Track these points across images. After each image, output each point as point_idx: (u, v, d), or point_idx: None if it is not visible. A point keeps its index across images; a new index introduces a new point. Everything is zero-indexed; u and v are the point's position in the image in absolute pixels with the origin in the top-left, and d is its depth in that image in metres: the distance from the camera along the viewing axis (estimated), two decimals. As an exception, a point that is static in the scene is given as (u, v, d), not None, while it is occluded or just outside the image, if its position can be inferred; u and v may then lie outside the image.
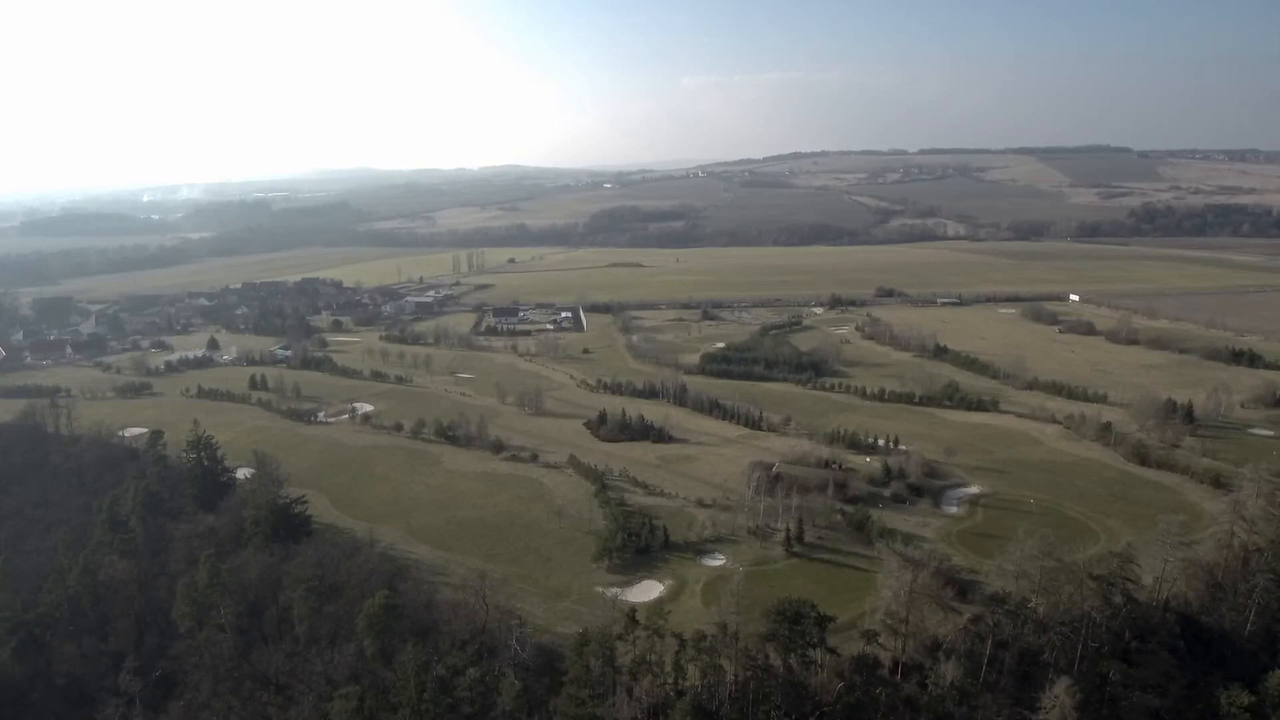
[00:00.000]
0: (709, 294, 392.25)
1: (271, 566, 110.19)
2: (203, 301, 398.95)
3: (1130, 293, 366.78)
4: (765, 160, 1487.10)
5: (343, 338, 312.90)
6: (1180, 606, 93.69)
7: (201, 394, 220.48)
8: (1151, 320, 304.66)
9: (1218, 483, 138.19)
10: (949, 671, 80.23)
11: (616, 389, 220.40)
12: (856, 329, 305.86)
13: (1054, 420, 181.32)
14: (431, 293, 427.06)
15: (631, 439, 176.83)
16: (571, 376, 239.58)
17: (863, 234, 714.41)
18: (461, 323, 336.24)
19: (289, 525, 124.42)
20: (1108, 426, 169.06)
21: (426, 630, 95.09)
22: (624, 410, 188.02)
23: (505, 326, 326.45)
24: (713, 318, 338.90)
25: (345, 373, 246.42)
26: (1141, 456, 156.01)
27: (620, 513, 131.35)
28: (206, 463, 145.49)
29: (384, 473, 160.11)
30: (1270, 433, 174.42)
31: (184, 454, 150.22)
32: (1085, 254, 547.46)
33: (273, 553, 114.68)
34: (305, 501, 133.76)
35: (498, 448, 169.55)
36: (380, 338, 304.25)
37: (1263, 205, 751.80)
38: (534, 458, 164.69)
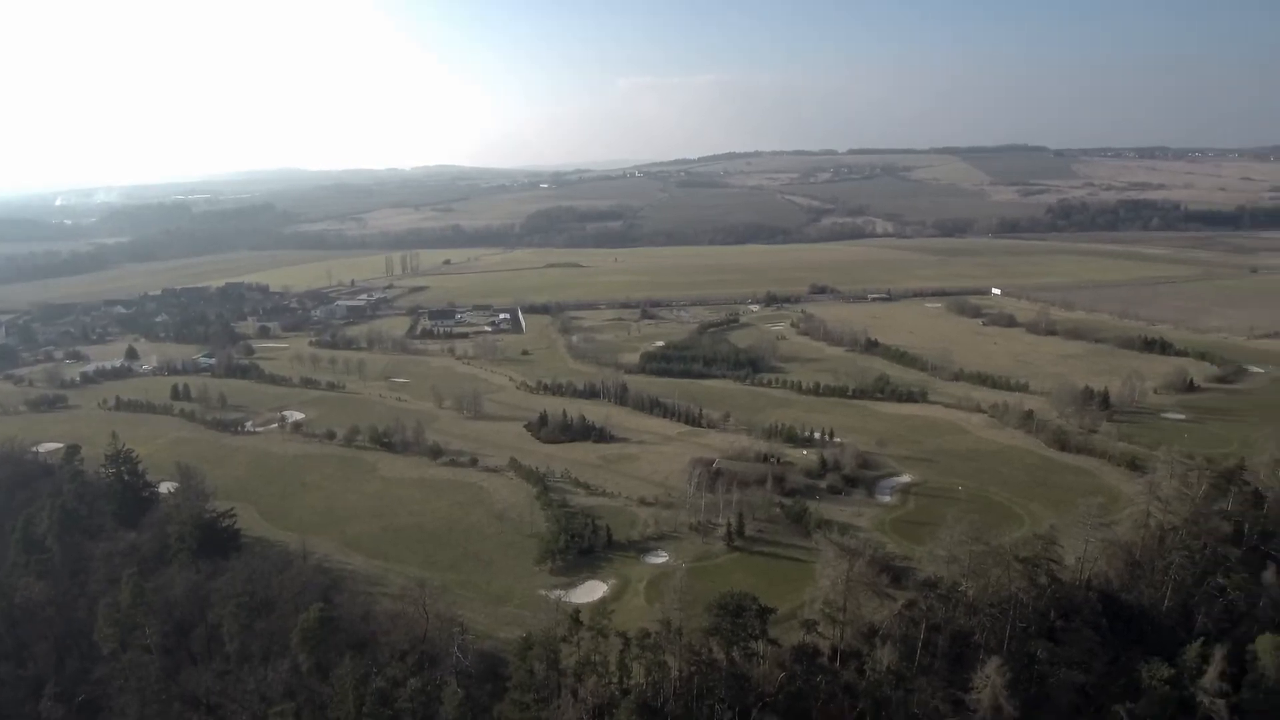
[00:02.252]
0: (647, 293, 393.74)
1: (198, 583, 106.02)
2: (120, 309, 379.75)
3: (1048, 285, 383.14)
4: (700, 160, 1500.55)
5: (270, 344, 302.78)
6: (1101, 585, 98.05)
7: (120, 406, 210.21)
8: (1068, 312, 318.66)
9: (1133, 465, 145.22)
10: (885, 656, 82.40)
11: (557, 390, 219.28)
12: (791, 325, 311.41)
13: (979, 410, 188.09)
14: (364, 296, 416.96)
15: (573, 440, 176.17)
16: (511, 378, 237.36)
17: (796, 232, 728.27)
18: (396, 326, 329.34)
19: (216, 540, 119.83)
20: (1029, 414, 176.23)
21: (364, 642, 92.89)
22: (565, 411, 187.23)
23: (441, 329, 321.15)
24: (651, 317, 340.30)
25: (273, 380, 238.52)
26: (1061, 442, 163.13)
27: (563, 514, 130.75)
28: (127, 477, 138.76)
29: (316, 482, 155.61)
30: (1181, 416, 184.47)
31: (102, 469, 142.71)
32: (1006, 249, 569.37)
33: (199, 569, 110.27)
34: (233, 515, 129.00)
35: (435, 453, 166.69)
36: (310, 343, 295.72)
37: (1170, 200, 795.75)
38: (473, 462, 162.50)
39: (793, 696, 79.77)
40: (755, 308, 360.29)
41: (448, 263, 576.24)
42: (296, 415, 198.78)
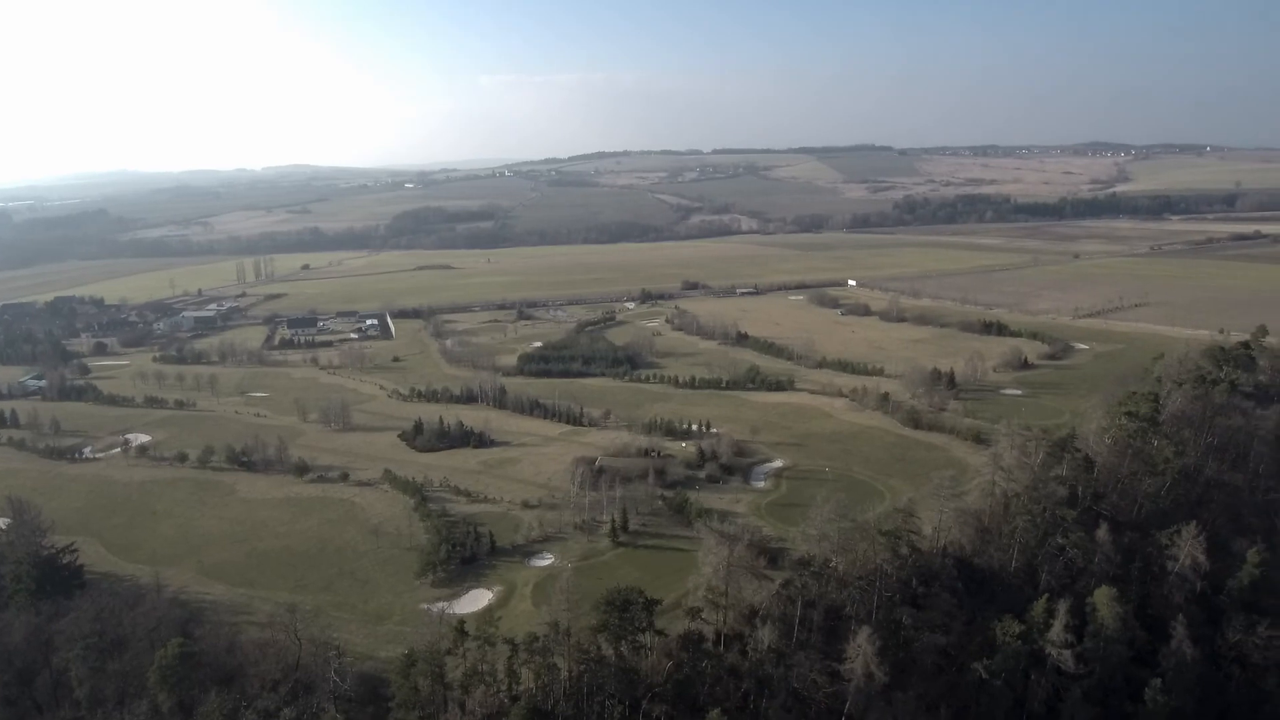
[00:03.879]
0: (523, 294, 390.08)
1: (39, 627, 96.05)
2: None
3: (898, 276, 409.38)
4: (571, 160, 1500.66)
5: (109, 362, 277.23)
6: (956, 551, 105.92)
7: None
8: (916, 300, 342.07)
9: (979, 439, 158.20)
10: (766, 636, 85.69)
11: (432, 396, 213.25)
12: (666, 321, 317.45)
13: (841, 394, 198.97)
14: (214, 306, 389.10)
15: (451, 447, 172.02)
16: (381, 387, 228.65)
17: (667, 230, 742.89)
18: (251, 337, 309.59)
19: (57, 578, 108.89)
20: (886, 396, 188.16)
21: (231, 675, 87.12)
22: (441, 418, 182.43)
23: (303, 338, 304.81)
24: (528, 317, 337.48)
25: (113, 401, 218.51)
26: (915, 421, 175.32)
27: (443, 524, 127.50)
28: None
29: (168, 509, 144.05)
30: (1019, 392, 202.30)
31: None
32: (859, 243, 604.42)
33: (40, 611, 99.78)
34: (75, 550, 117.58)
35: (302, 470, 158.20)
36: (154, 359, 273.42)
37: (1002, 194, 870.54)
38: (344, 477, 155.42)
39: (680, 684, 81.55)
40: (631, 305, 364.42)
41: (307, 268, 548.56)
42: (142, 438, 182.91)
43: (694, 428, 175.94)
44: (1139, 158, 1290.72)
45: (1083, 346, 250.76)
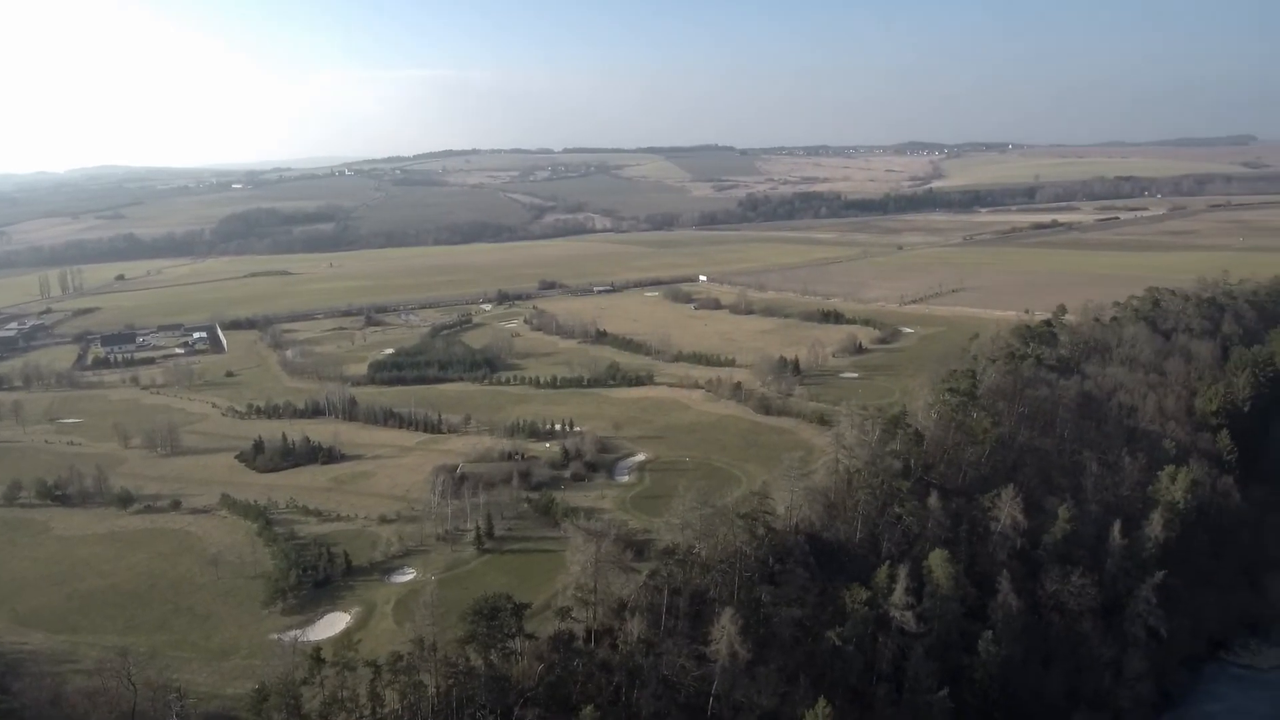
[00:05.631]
0: (371, 299, 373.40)
1: None
2: None
3: (744, 271, 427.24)
4: (417, 158, 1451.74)
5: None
6: (807, 528, 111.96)
7: None
8: (762, 293, 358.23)
9: (823, 421, 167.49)
10: (635, 628, 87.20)
11: (273, 412, 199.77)
12: (525, 322, 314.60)
13: (698, 386, 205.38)
14: (14, 325, 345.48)
15: (296, 465, 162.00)
16: (215, 405, 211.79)
17: (521, 230, 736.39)
18: (60, 357, 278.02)
19: None
20: (738, 386, 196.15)
21: (53, 733, 78.12)
22: (285, 434, 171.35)
23: (121, 356, 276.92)
24: (378, 323, 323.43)
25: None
26: (766, 407, 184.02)
27: (291, 548, 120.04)
28: None
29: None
30: (856, 375, 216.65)
31: None
32: (707, 240, 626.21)
33: None
34: None
35: (126, 501, 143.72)
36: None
37: (834, 191, 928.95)
38: (176, 505, 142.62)
39: (553, 685, 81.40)
40: (488, 307, 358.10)
41: (122, 278, 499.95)
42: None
43: (557, 427, 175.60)
44: (951, 156, 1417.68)
45: (909, 330, 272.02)
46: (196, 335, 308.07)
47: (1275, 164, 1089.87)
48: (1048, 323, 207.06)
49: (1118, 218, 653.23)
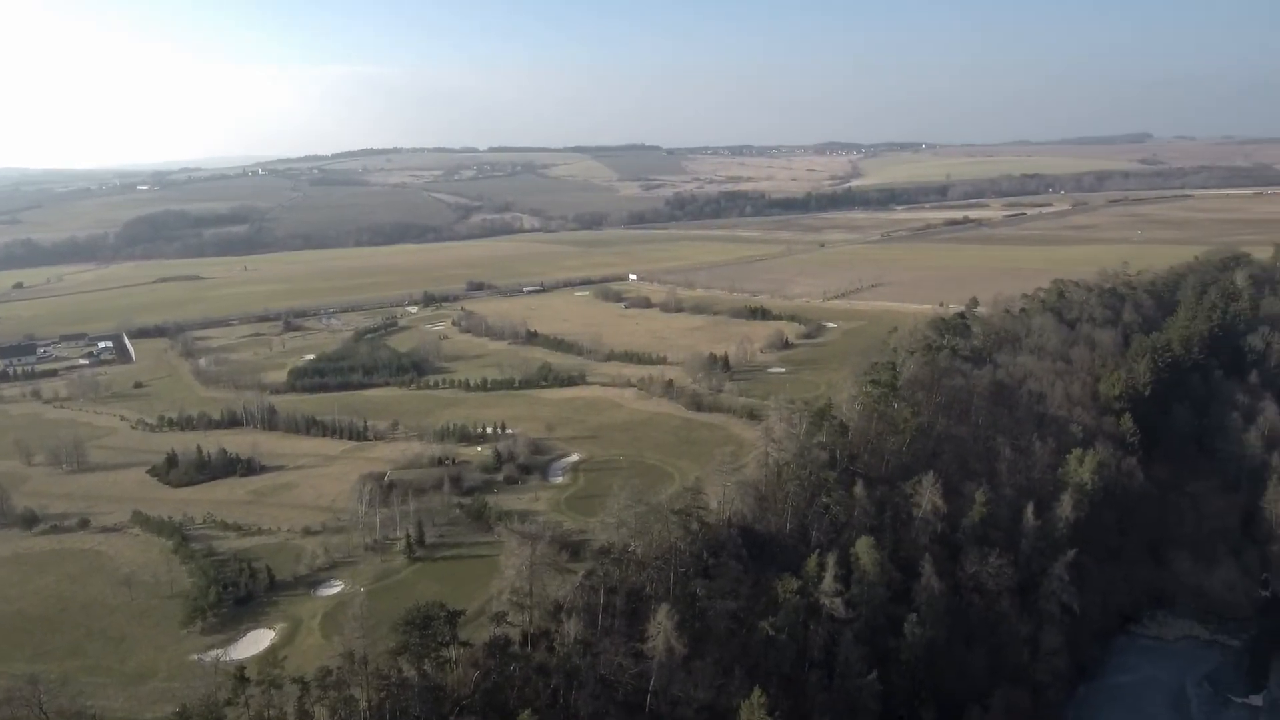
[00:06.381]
0: (289, 303, 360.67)
1: None
2: None
3: (673, 269, 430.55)
4: (335, 157, 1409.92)
5: None
6: (739, 521, 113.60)
7: None
8: (691, 290, 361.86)
9: (752, 415, 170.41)
10: (571, 629, 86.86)
11: (187, 424, 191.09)
12: (453, 324, 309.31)
13: (630, 384, 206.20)
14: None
15: (213, 478, 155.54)
16: (123, 418, 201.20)
17: (446, 230, 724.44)
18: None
19: None
20: (670, 383, 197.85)
21: (-47, 774, 72.99)
22: (200, 446, 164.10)
23: (19, 369, 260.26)
24: (297, 328, 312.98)
25: None
26: (697, 404, 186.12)
27: (209, 564, 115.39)
28: None
29: None
30: (783, 370, 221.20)
31: None
32: (636, 239, 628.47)
33: None
34: None
35: (30, 521, 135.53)
36: None
37: (758, 190, 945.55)
38: (84, 524, 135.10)
39: (489, 692, 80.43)
40: (414, 309, 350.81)
41: (19, 286, 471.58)
42: None
43: (489, 430, 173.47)
44: (868, 155, 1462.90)
45: (833, 325, 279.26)
46: (102, 345, 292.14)
47: (1170, 160, 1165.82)
48: (961, 315, 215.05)
49: (1024, 213, 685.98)
